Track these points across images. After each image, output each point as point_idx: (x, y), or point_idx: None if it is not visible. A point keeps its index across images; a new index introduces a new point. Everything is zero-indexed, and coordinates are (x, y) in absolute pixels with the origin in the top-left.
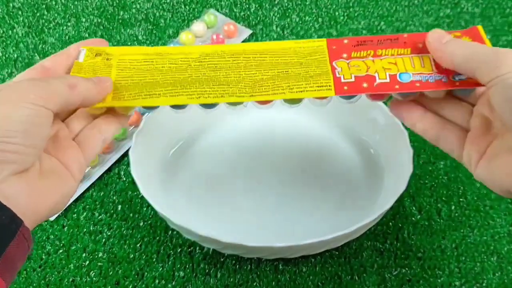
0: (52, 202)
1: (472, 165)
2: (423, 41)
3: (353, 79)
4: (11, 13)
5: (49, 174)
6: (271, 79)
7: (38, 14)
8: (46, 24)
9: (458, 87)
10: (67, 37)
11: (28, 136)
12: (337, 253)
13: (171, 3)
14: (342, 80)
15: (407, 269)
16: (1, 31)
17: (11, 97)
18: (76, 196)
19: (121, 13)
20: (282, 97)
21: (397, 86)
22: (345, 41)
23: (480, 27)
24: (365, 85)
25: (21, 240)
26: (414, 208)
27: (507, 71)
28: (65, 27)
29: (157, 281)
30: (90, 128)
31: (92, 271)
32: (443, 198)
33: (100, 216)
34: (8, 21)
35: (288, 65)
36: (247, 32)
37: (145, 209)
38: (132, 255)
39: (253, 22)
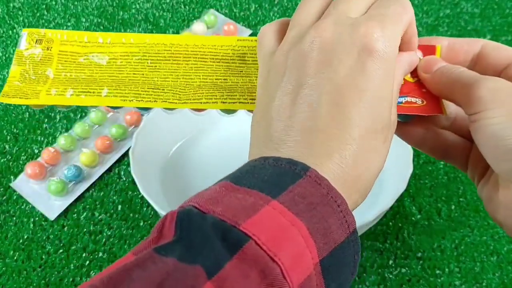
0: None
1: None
2: None
3: None
4: (11, 13)
5: None
6: (207, 87)
7: (38, 14)
8: (46, 24)
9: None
10: None
11: None
12: None
13: (171, 3)
14: None
15: (407, 268)
16: (1, 31)
17: None
18: (76, 196)
19: (121, 13)
20: (214, 106)
21: None
22: None
23: (439, 47)
24: None
25: (311, 182)
26: (414, 208)
27: (485, 109)
28: (65, 27)
29: None
30: None
31: (92, 271)
32: (443, 198)
33: (100, 216)
34: (8, 21)
35: (228, 72)
36: (247, 32)
37: (145, 209)
38: None
39: (253, 22)
